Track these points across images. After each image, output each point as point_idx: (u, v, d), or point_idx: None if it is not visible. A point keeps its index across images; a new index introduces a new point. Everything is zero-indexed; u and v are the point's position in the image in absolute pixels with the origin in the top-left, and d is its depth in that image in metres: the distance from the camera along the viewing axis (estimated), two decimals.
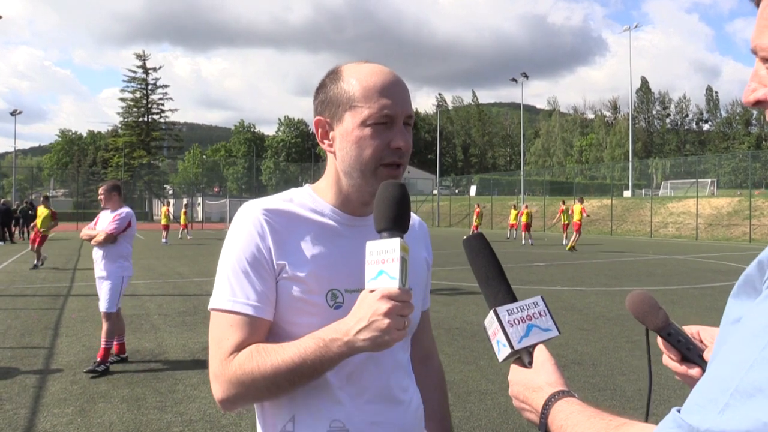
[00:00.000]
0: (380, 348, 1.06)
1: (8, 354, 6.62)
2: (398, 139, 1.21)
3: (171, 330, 7.89)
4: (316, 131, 1.30)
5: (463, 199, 56.71)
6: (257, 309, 1.18)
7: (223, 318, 1.20)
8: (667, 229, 36.43)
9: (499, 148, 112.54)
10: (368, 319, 1.04)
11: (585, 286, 12.53)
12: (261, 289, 1.19)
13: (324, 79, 1.30)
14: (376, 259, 1.06)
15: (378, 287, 1.05)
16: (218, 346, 1.18)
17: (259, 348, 1.15)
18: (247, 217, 1.24)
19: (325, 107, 1.27)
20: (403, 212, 1.10)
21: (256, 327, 1.19)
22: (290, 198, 1.30)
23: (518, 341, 1.01)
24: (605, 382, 5.64)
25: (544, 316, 1.04)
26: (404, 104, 1.23)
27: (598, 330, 7.93)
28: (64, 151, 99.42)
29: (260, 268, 1.20)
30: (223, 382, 1.16)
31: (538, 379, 0.97)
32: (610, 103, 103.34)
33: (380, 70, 1.25)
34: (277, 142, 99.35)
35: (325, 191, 1.31)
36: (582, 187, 57.41)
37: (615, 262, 18.33)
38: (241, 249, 1.21)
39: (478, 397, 5.18)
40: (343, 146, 1.23)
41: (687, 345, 1.00)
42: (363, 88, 1.21)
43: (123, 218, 6.24)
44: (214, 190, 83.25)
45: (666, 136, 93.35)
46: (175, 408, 4.90)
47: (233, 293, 1.19)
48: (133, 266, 6.49)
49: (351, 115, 1.22)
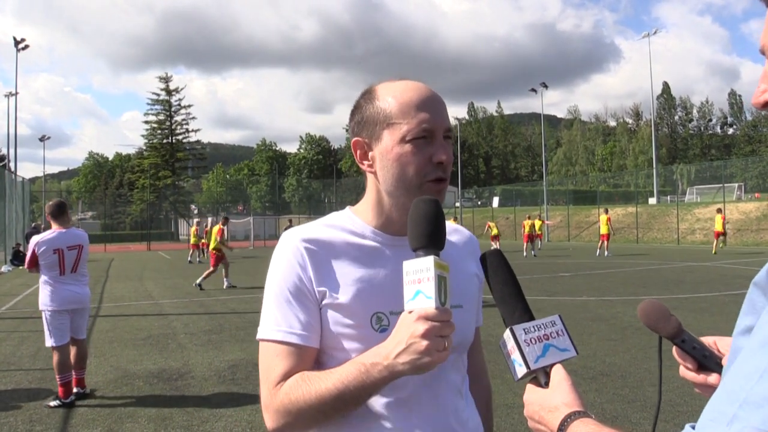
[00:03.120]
0: (421, 371, 1.04)
1: (38, 375, 6.72)
2: (440, 153, 1.19)
3: (197, 349, 7.94)
4: (355, 153, 1.28)
5: (485, 210, 56.45)
6: (302, 337, 1.19)
7: (269, 348, 1.20)
8: (694, 236, 35.83)
9: (521, 159, 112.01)
10: (406, 342, 1.02)
11: (612, 295, 12.36)
12: (305, 318, 1.20)
13: (358, 100, 1.29)
14: (413, 279, 1.03)
15: (415, 308, 1.02)
16: (266, 376, 1.19)
17: (304, 376, 1.16)
18: (287, 247, 1.24)
19: (362, 128, 1.26)
20: (438, 229, 1.07)
21: (302, 355, 1.19)
22: (330, 223, 1.29)
23: (534, 361, 0.99)
24: (634, 394, 5.54)
25: (562, 335, 1.03)
26: (442, 117, 1.22)
27: (627, 340, 7.81)
28: (92, 174, 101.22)
29: (303, 297, 1.20)
30: (272, 412, 1.16)
31: (554, 399, 0.95)
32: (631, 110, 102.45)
33: (415, 86, 1.24)
34: (299, 159, 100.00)
35: (366, 213, 1.30)
36: (606, 196, 56.86)
37: (642, 271, 18.07)
38: (283, 279, 1.22)
39: (504, 411, 5.12)
40: (384, 165, 1.22)
41: (702, 352, 0.97)
42: (400, 105, 1.20)
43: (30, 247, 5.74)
44: (238, 208, 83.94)
45: (690, 141, 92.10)
46: (202, 427, 4.92)
47: (277, 323, 1.20)
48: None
49: (389, 133, 1.21)
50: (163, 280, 18.26)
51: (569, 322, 10.23)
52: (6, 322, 10.70)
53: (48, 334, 5.64)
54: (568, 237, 43.49)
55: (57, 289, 5.66)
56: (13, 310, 12.31)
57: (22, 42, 36.01)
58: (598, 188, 57.22)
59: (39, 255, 5.62)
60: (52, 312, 5.62)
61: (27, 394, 6.03)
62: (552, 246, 36.35)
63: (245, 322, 9.98)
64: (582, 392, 4.39)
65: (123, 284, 17.15)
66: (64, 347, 5.66)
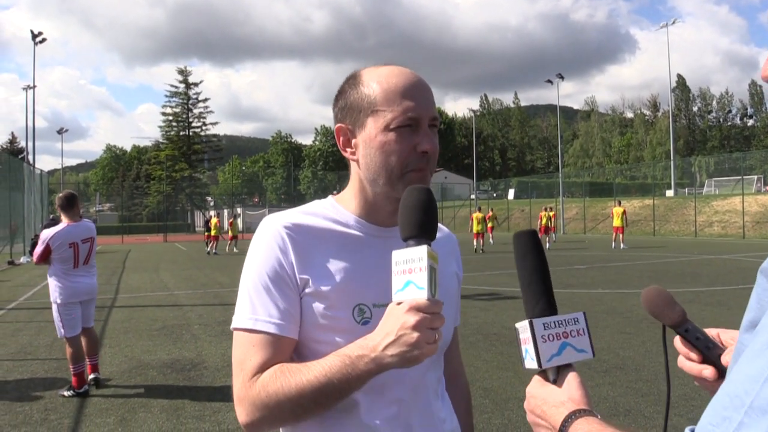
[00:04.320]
0: (410, 364, 1.00)
1: (54, 365, 6.79)
2: (425, 143, 1.15)
3: (210, 339, 7.99)
4: (338, 139, 1.25)
5: (501, 203, 56.21)
6: (280, 327, 1.13)
7: (245, 337, 1.14)
8: (712, 228, 35.43)
9: (536, 151, 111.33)
10: (396, 334, 0.98)
11: (627, 288, 12.25)
12: (284, 306, 1.14)
13: (343, 84, 1.25)
14: (403, 269, 1.00)
15: (405, 299, 0.99)
16: (241, 367, 1.13)
17: (282, 368, 1.10)
18: (267, 231, 1.19)
19: (345, 114, 1.22)
20: (430, 218, 1.04)
21: (280, 346, 1.13)
22: (312, 210, 1.25)
23: (548, 359, 0.93)
24: (648, 388, 5.48)
25: (582, 335, 0.97)
26: (428, 106, 1.18)
27: (642, 333, 7.73)
28: (110, 167, 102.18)
29: (283, 285, 1.15)
30: (246, 405, 1.11)
31: (560, 395, 0.91)
32: (648, 101, 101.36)
33: (401, 72, 1.20)
34: (314, 151, 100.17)
35: (349, 201, 1.26)
36: (623, 188, 56.31)
37: (658, 263, 17.90)
38: (263, 265, 1.16)
39: (516, 404, 5.09)
40: (367, 153, 1.18)
41: (706, 343, 0.93)
42: (384, 91, 1.16)
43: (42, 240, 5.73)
44: (253, 200, 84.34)
45: (709, 132, 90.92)
46: (213, 417, 4.95)
47: (254, 311, 1.14)
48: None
49: (373, 120, 1.17)
50: (179, 271, 18.39)
51: None
52: (23, 313, 10.84)
53: (60, 326, 5.68)
54: (584, 229, 43.19)
55: (69, 281, 5.70)
56: (30, 301, 12.46)
57: (39, 35, 36.30)
58: (615, 180, 56.68)
59: (54, 249, 5.64)
60: (65, 304, 5.66)
61: (42, 383, 6.10)
62: (567, 238, 36.13)
63: None
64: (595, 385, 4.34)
65: (139, 275, 17.30)
66: (76, 338, 5.73)
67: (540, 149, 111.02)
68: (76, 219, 5.87)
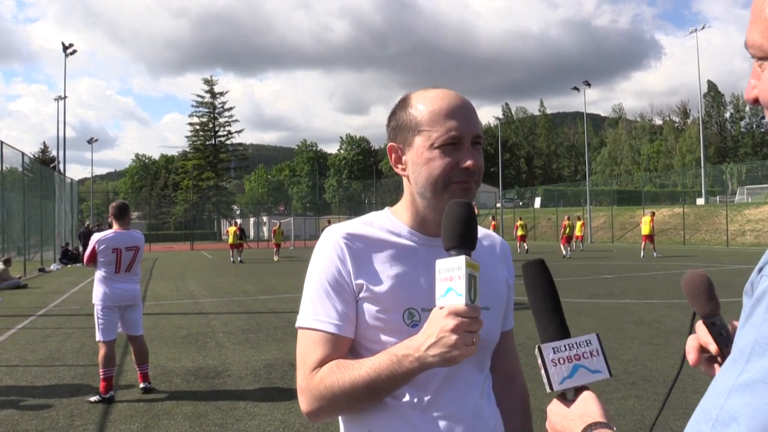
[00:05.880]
0: (449, 363, 1.10)
1: (81, 371, 6.88)
2: (467, 158, 1.25)
3: (234, 348, 8.03)
4: (390, 157, 1.37)
5: (527, 211, 55.79)
6: (338, 327, 1.26)
7: (307, 335, 1.28)
8: (744, 237, 34.70)
9: (563, 159, 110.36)
10: (437, 336, 1.08)
11: (656, 298, 12.03)
12: (342, 309, 1.27)
13: (395, 107, 1.38)
14: (445, 277, 1.09)
15: (446, 304, 1.07)
16: (303, 361, 1.27)
17: (339, 363, 1.23)
18: (328, 241, 1.32)
19: (396, 133, 1.34)
20: (469, 230, 1.12)
21: (338, 344, 1.26)
22: (369, 221, 1.37)
23: (559, 382, 0.97)
24: (677, 400, 5.35)
25: (596, 356, 0.99)
26: (471, 125, 1.28)
27: (670, 345, 7.57)
28: (139, 176, 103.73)
29: (341, 290, 1.28)
30: (307, 396, 1.24)
31: (577, 410, 0.95)
32: (678, 107, 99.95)
33: (446, 94, 1.31)
34: (340, 160, 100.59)
35: (402, 213, 1.37)
36: (652, 196, 55.56)
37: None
38: (323, 271, 1.29)
39: (540, 415, 5.01)
40: (415, 169, 1.30)
41: (727, 342, 0.93)
42: (430, 113, 1.27)
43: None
44: (279, 209, 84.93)
45: (741, 139, 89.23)
46: (236, 425, 4.96)
47: (316, 312, 1.28)
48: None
49: (420, 139, 1.28)
50: (205, 280, 18.53)
51: (610, 325, 9.92)
52: (53, 319, 11.02)
53: (97, 328, 5.84)
54: (612, 238, 42.64)
55: (109, 286, 5.89)
56: (60, 308, 12.67)
57: (70, 47, 37.13)
58: (644, 188, 55.93)
59: (98, 252, 5.89)
60: (103, 308, 5.83)
61: (69, 389, 6.17)
62: (595, 247, 35.72)
63: (283, 322, 10.05)
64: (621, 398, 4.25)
65: (165, 283, 17.50)
66: (110, 343, 5.84)
67: (567, 157, 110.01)
68: (125, 227, 6.09)
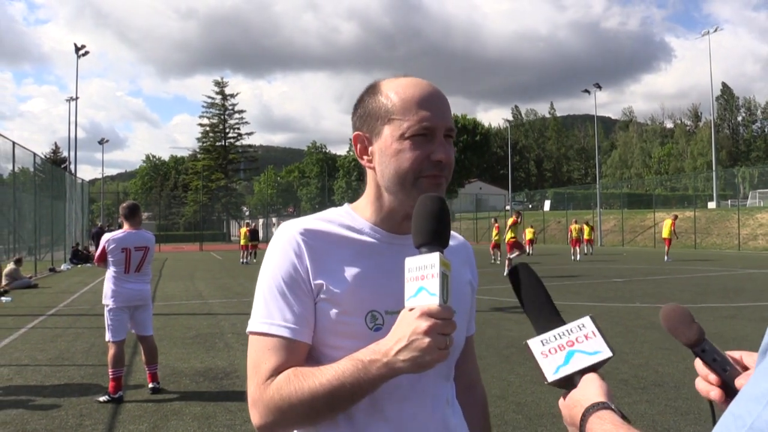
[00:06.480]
0: (421, 369, 1.01)
1: (90, 371, 6.90)
2: (439, 152, 1.16)
3: (243, 348, 8.01)
4: (355, 147, 1.26)
5: (537, 214, 55.59)
6: (294, 331, 1.14)
7: (260, 341, 1.16)
8: (756, 242, 34.41)
9: (573, 162, 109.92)
10: (408, 339, 0.99)
11: (667, 302, 11.91)
12: (299, 311, 1.15)
13: (362, 94, 1.27)
14: (416, 276, 1.01)
15: (418, 305, 0.99)
16: (256, 370, 1.15)
17: (296, 372, 1.11)
18: (284, 237, 1.21)
19: (363, 122, 1.24)
20: (442, 226, 1.05)
21: (294, 350, 1.15)
22: (328, 217, 1.26)
23: (554, 372, 0.95)
24: (688, 406, 5.30)
25: (593, 338, 0.97)
26: (444, 117, 1.19)
27: (682, 350, 7.46)
28: (149, 176, 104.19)
29: (297, 289, 1.16)
30: (261, 408, 1.12)
31: (577, 394, 0.94)
32: (689, 110, 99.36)
33: (418, 83, 1.22)
34: (349, 161, 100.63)
35: (365, 209, 1.27)
36: (662, 199, 55.19)
37: (700, 277, 17.43)
38: (278, 269, 1.18)
39: (550, 419, 4.98)
40: (383, 160, 1.20)
41: (723, 365, 0.89)
42: (401, 101, 1.18)
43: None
44: (288, 210, 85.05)
45: (753, 143, 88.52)
46: (244, 426, 4.95)
47: (269, 315, 1.16)
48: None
49: (389, 129, 1.18)
50: (214, 280, 18.56)
51: (620, 329, 9.83)
52: (63, 319, 11.07)
53: (106, 328, 5.85)
54: (622, 241, 42.42)
55: (119, 286, 5.90)
56: (70, 307, 12.73)
57: (82, 48, 37.37)
58: (654, 191, 55.58)
59: (108, 252, 5.92)
60: (113, 308, 5.85)
61: (78, 389, 6.19)
62: (605, 251, 35.54)
63: None
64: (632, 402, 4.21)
65: (175, 283, 17.54)
66: (119, 343, 5.85)
67: (577, 160, 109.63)
68: (136, 227, 6.11)
